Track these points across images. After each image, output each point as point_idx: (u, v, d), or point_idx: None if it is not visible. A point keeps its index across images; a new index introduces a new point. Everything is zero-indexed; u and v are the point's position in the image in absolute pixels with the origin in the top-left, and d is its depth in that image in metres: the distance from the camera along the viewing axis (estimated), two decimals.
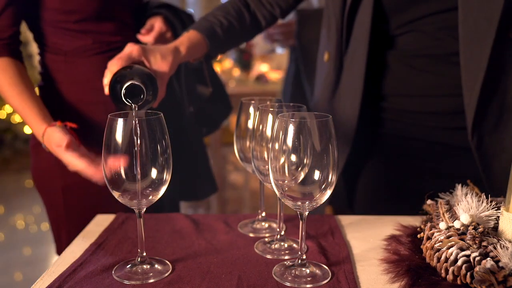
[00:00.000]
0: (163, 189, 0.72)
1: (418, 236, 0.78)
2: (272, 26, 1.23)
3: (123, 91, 0.80)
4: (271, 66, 3.81)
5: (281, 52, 2.32)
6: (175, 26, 1.18)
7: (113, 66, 0.87)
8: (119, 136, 0.68)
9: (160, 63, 0.93)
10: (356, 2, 1.03)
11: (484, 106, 0.95)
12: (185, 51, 0.99)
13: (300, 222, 0.71)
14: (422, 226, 0.79)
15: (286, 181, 0.67)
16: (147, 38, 1.14)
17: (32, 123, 1.01)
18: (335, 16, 1.08)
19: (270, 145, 0.67)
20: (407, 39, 1.03)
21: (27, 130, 4.35)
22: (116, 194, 0.71)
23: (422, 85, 1.04)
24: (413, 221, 0.89)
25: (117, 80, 0.83)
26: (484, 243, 0.66)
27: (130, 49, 0.90)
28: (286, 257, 0.78)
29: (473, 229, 0.69)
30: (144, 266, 0.73)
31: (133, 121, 0.68)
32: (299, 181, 0.66)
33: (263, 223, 0.91)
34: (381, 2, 1.01)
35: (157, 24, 1.15)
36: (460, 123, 1.00)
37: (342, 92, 1.11)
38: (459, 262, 0.64)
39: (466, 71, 0.94)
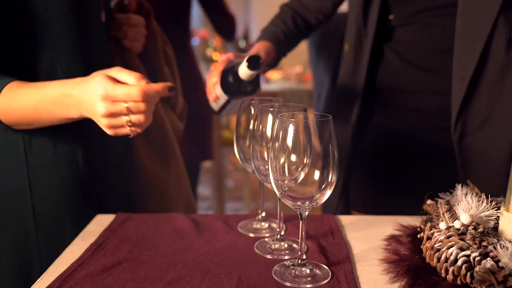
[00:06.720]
0: None
1: (418, 236, 0.78)
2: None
3: (245, 61, 0.88)
4: None
5: None
6: None
7: (218, 68, 0.95)
8: None
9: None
10: None
11: (471, 101, 0.97)
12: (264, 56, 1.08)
13: (300, 222, 0.71)
14: (422, 226, 0.79)
15: (286, 181, 0.67)
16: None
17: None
18: (353, 7, 1.13)
19: (270, 145, 0.67)
20: (405, 31, 1.06)
21: None
22: None
23: (413, 80, 1.07)
24: (413, 221, 0.89)
25: (228, 71, 0.94)
26: (484, 243, 0.66)
27: (226, 55, 0.98)
28: (286, 257, 0.78)
29: (473, 229, 0.69)
30: None
31: None
32: (299, 181, 0.66)
33: (263, 223, 0.91)
34: None
35: None
36: (446, 124, 1.02)
37: None
38: (459, 262, 0.64)
39: (457, 62, 0.97)
